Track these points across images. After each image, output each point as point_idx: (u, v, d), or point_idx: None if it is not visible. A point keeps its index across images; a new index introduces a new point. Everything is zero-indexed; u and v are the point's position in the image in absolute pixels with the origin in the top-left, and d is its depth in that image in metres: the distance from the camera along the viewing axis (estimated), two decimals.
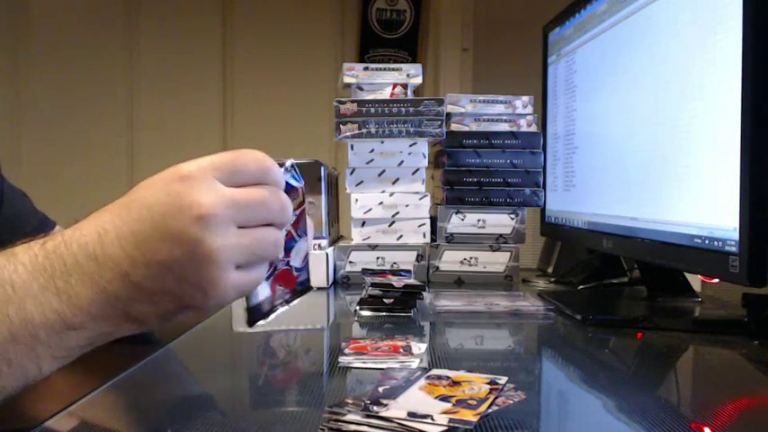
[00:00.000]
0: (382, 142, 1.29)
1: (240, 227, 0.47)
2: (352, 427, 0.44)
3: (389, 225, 1.29)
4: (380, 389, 0.51)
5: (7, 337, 0.44)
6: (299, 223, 0.54)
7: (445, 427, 0.44)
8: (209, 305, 0.47)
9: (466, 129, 1.34)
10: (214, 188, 0.46)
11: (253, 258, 0.48)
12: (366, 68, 1.32)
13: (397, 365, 0.64)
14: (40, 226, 0.84)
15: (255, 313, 0.53)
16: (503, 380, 0.53)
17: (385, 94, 1.31)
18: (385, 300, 0.94)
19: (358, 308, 0.95)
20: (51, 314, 0.45)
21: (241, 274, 0.47)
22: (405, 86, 1.31)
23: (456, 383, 0.53)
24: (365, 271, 1.08)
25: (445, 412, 0.46)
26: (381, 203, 1.29)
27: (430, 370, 0.56)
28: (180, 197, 0.45)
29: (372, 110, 1.27)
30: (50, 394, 0.57)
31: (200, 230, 0.45)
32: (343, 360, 0.67)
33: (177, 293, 0.46)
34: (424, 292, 0.97)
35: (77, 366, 0.64)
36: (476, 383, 0.53)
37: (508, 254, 1.31)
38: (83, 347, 0.47)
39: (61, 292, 0.45)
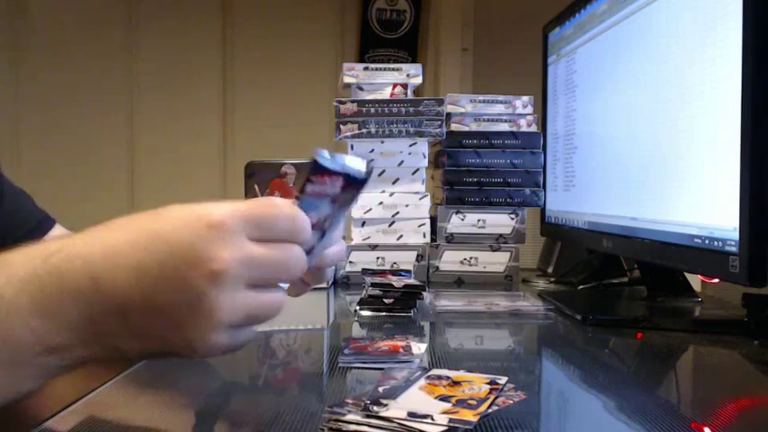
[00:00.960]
0: (382, 142, 1.29)
1: (250, 284, 0.45)
2: (352, 427, 0.44)
3: (389, 225, 1.29)
4: (380, 389, 0.51)
5: None
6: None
7: (445, 428, 0.44)
8: (196, 356, 0.45)
9: (466, 129, 1.34)
10: (239, 244, 0.44)
11: (251, 321, 0.46)
12: (366, 68, 1.32)
13: (397, 365, 0.64)
14: (40, 223, 0.84)
15: None
16: (503, 380, 0.53)
17: (385, 94, 1.31)
18: (385, 300, 0.94)
19: (358, 308, 0.95)
20: (34, 336, 0.43)
21: (233, 334, 0.45)
22: (405, 86, 1.31)
23: (456, 383, 0.53)
24: (365, 271, 1.08)
25: (445, 412, 0.46)
26: (381, 203, 1.29)
27: (430, 370, 0.56)
28: (202, 245, 0.43)
29: (372, 110, 1.27)
30: (50, 394, 0.57)
31: (209, 286, 0.42)
32: (343, 360, 0.67)
33: (165, 339, 0.44)
34: (424, 292, 0.97)
35: None
36: (476, 383, 0.53)
37: (508, 254, 1.31)
38: (62, 368, 0.46)
39: (52, 316, 0.43)
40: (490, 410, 0.48)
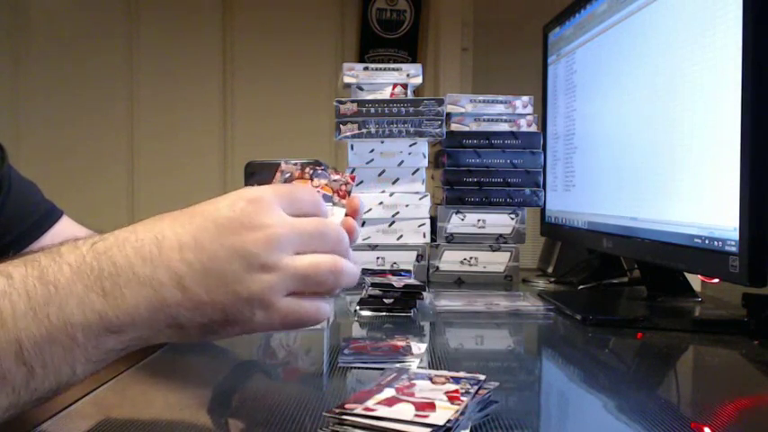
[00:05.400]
0: (382, 142, 1.29)
1: (298, 251, 0.48)
2: (352, 427, 0.44)
3: (389, 225, 1.29)
4: None
5: (45, 337, 0.43)
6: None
7: (443, 426, 0.44)
8: (255, 324, 0.47)
9: (466, 129, 1.34)
10: (279, 214, 0.48)
11: (308, 286, 0.48)
12: (366, 68, 1.32)
13: (398, 365, 0.64)
14: (48, 214, 0.85)
15: None
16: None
17: (385, 94, 1.31)
18: (385, 300, 0.94)
19: (358, 308, 0.95)
20: (92, 316, 0.44)
21: (293, 301, 0.48)
22: (405, 86, 1.31)
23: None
24: (365, 271, 1.08)
25: (445, 410, 0.46)
26: (381, 203, 1.29)
27: (429, 370, 0.56)
28: (247, 216, 0.47)
29: (372, 110, 1.27)
30: None
31: (262, 248, 0.46)
32: (342, 360, 0.67)
33: (226, 306, 0.46)
34: (424, 292, 0.97)
35: None
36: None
37: (508, 254, 1.31)
38: (119, 351, 0.47)
39: (107, 294, 0.44)
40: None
